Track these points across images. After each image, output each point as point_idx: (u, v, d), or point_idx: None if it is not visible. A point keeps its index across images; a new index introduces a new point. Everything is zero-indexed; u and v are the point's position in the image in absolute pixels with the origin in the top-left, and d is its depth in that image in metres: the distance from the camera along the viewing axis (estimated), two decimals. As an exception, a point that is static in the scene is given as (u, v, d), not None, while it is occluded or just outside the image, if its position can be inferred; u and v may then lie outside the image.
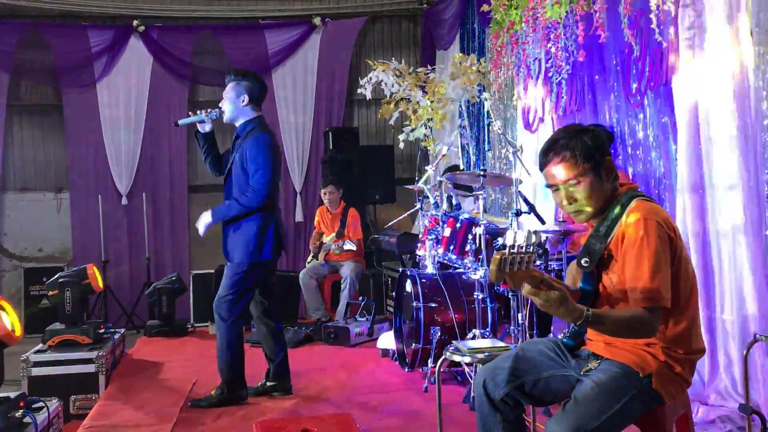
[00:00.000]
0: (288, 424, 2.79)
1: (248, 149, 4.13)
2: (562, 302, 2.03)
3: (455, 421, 3.74)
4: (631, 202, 2.25)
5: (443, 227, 4.51)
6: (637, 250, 2.15)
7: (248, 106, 4.24)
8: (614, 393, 2.15)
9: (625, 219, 2.23)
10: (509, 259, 1.97)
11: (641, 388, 2.18)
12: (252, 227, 4.15)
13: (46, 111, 7.84)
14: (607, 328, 2.17)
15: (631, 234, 2.18)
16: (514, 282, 2.04)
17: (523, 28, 5.20)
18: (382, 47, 8.48)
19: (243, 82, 4.23)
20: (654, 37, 3.86)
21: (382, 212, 8.04)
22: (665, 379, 2.20)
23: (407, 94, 6.17)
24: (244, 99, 4.22)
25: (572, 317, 2.06)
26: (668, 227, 2.20)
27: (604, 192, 2.29)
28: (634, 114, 4.35)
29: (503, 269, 1.98)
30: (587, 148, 2.26)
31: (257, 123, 4.24)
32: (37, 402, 3.20)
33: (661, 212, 2.25)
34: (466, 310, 4.47)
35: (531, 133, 5.48)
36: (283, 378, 4.44)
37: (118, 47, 7.65)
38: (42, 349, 4.50)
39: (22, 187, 7.82)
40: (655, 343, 2.22)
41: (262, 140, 4.13)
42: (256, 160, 4.09)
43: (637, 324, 2.13)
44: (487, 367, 2.47)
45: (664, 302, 2.13)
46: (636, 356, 2.22)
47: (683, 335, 2.24)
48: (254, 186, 4.09)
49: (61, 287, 4.68)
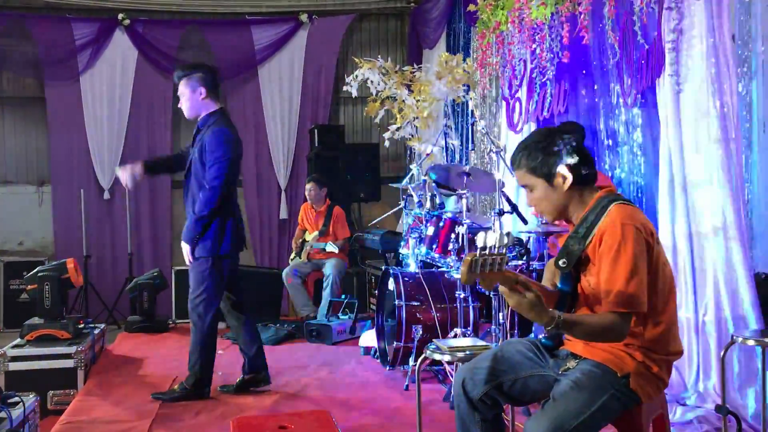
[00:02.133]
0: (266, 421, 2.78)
1: (207, 142, 4.05)
2: (533, 306, 2.05)
3: (435, 419, 3.74)
4: (609, 206, 2.26)
5: (426, 226, 4.52)
6: (614, 255, 2.16)
7: (207, 98, 4.14)
8: (592, 392, 2.16)
9: (603, 223, 2.23)
10: (480, 261, 1.98)
11: (619, 387, 2.19)
12: (210, 223, 4.10)
13: (28, 103, 7.76)
14: (577, 333, 2.18)
15: (608, 238, 2.19)
16: (486, 283, 2.05)
17: (509, 29, 5.21)
18: (369, 45, 8.47)
19: (195, 74, 4.13)
20: (637, 39, 3.88)
21: (367, 210, 8.04)
22: (643, 379, 2.22)
23: (393, 93, 6.17)
24: (201, 92, 4.12)
25: (543, 321, 2.08)
26: (646, 232, 2.20)
27: (558, 198, 2.31)
28: (618, 115, 4.37)
29: (474, 271, 1.99)
30: (539, 160, 2.29)
31: (218, 116, 4.15)
32: (13, 397, 3.17)
33: (640, 216, 2.26)
34: (448, 309, 4.48)
35: (515, 133, 5.49)
36: (260, 370, 4.42)
37: (103, 40, 7.60)
38: (20, 343, 4.46)
39: (3, 179, 7.74)
40: (633, 343, 2.23)
41: (222, 133, 4.05)
42: (214, 153, 4.01)
43: (606, 330, 2.15)
44: (466, 367, 2.48)
45: (639, 307, 2.14)
46: (614, 356, 2.23)
47: (661, 337, 2.25)
48: (208, 182, 4.01)
49: (40, 281, 4.64)
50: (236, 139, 4.15)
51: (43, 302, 4.61)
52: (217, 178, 3.99)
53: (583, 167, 2.29)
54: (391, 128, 6.27)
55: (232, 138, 4.09)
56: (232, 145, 4.08)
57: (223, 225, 4.13)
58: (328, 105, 8.20)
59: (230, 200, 4.18)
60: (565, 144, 2.29)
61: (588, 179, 2.32)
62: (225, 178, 4.01)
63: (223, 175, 4.00)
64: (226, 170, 4.02)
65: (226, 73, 7.95)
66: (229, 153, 4.04)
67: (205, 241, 4.12)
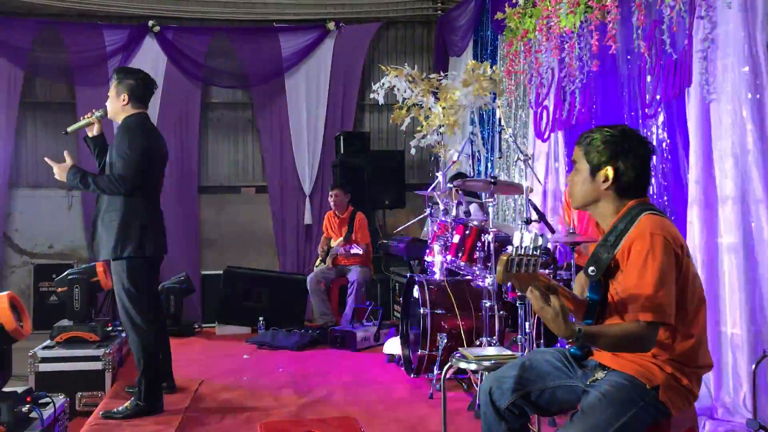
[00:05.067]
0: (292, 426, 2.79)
1: (116, 141, 4.08)
2: (556, 317, 2.05)
3: (460, 428, 3.73)
4: (640, 215, 2.25)
5: (452, 234, 4.51)
6: (642, 263, 2.15)
7: (128, 105, 4.16)
8: (621, 405, 2.15)
9: (632, 232, 2.22)
10: (516, 260, 1.97)
11: (648, 400, 2.17)
12: (114, 224, 4.03)
13: (59, 108, 7.87)
14: (601, 344, 2.17)
15: (637, 247, 2.18)
16: (521, 284, 2.05)
17: (537, 37, 5.20)
18: (395, 52, 8.48)
19: (125, 81, 4.17)
20: (667, 48, 3.85)
21: (392, 217, 8.04)
22: (672, 391, 2.19)
23: (419, 100, 6.17)
24: (123, 98, 4.15)
25: (564, 334, 2.08)
26: (675, 243, 2.18)
27: (589, 192, 2.33)
28: (646, 125, 4.33)
29: (509, 270, 1.98)
30: (597, 149, 2.30)
31: (132, 118, 4.15)
32: (44, 397, 3.22)
33: (670, 228, 2.24)
34: (474, 317, 4.46)
35: (542, 141, 5.47)
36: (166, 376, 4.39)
37: (133, 47, 7.69)
38: (50, 345, 4.52)
39: (35, 183, 7.86)
40: (662, 355, 2.21)
41: (130, 133, 4.06)
42: (120, 149, 4.01)
43: (631, 339, 2.13)
44: (493, 376, 2.47)
45: (666, 318, 2.12)
46: (643, 368, 2.21)
47: (691, 350, 2.23)
48: (117, 173, 3.98)
49: (70, 284, 4.70)
50: (145, 137, 4.09)
51: (73, 305, 4.68)
52: (121, 169, 3.97)
53: (631, 179, 2.29)
54: (417, 136, 6.27)
55: (137, 134, 4.07)
56: (138, 140, 4.04)
57: (128, 227, 4.02)
58: (354, 112, 8.23)
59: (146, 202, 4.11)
60: (629, 149, 2.28)
61: (628, 191, 2.31)
62: (133, 174, 3.97)
63: (129, 169, 3.96)
64: (133, 166, 3.97)
65: (254, 81, 8.03)
66: (135, 149, 4.00)
67: (109, 243, 4.03)
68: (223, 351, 5.94)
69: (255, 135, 8.27)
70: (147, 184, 4.10)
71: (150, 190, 4.15)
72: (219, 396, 4.54)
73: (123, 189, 3.98)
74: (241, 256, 7.82)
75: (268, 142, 8.13)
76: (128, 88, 4.15)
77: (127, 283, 4.05)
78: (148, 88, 4.27)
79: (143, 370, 4.07)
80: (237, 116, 8.33)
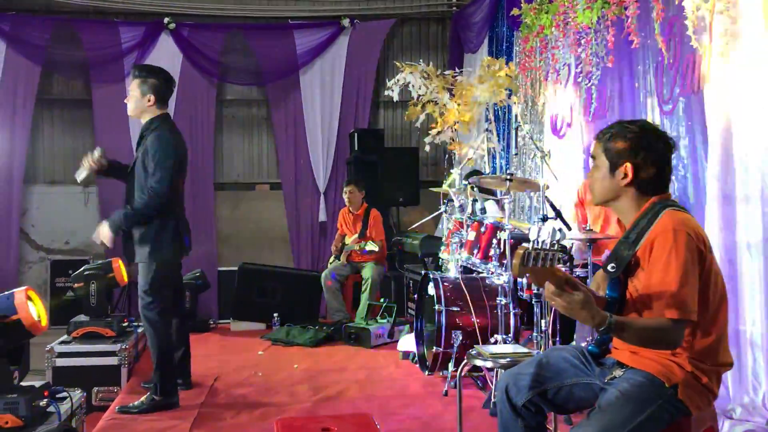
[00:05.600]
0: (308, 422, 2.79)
1: (149, 147, 4.06)
2: (585, 305, 2.00)
3: (475, 426, 3.72)
4: (662, 212, 2.22)
5: (467, 231, 4.49)
6: (666, 260, 2.12)
7: (154, 105, 4.16)
8: (639, 403, 2.12)
9: (654, 228, 2.19)
10: (533, 254, 1.94)
11: (667, 398, 2.15)
12: (151, 228, 4.07)
13: (76, 105, 7.94)
14: (630, 336, 2.14)
15: (659, 244, 2.15)
16: (537, 278, 2.01)
17: (553, 33, 5.17)
18: (410, 49, 8.47)
19: (149, 80, 4.15)
20: (686, 44, 3.81)
21: (406, 215, 8.04)
22: (692, 389, 2.17)
23: (434, 97, 6.16)
24: (150, 99, 4.13)
25: (595, 322, 2.03)
26: (698, 239, 2.16)
27: (610, 187, 2.31)
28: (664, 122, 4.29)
29: (526, 264, 1.95)
30: (613, 143, 2.28)
31: (161, 121, 4.16)
32: (61, 392, 3.24)
33: (693, 223, 2.21)
34: (489, 315, 4.44)
35: (558, 138, 5.44)
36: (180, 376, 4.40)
37: (149, 44, 7.72)
38: (66, 340, 4.55)
39: (51, 180, 7.92)
40: (682, 353, 2.18)
41: (163, 138, 4.07)
42: (155, 157, 4.02)
43: (660, 335, 2.10)
44: (510, 373, 2.46)
45: (690, 315, 2.09)
46: (662, 366, 2.19)
47: (711, 348, 2.20)
48: (151, 186, 4.00)
49: (87, 280, 4.73)
50: (177, 143, 4.14)
51: (89, 300, 4.71)
52: (159, 182, 3.99)
53: (651, 176, 2.26)
54: (432, 132, 6.26)
55: (172, 142, 4.09)
56: (172, 149, 4.07)
57: (163, 231, 4.09)
58: (368, 109, 8.22)
59: (173, 204, 4.15)
60: (648, 145, 2.26)
61: (649, 188, 2.29)
62: (167, 182, 4.01)
63: (167, 182, 4.00)
64: (169, 176, 4.01)
65: (269, 78, 8.04)
66: (170, 157, 4.03)
67: (145, 247, 4.09)
68: (238, 347, 5.96)
69: (269, 132, 8.29)
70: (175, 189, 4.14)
71: (177, 194, 4.19)
72: (234, 392, 4.55)
73: (160, 201, 4.01)
74: (256, 252, 7.85)
75: (282, 139, 8.14)
76: (154, 88, 4.15)
77: (154, 283, 4.10)
78: (170, 87, 4.29)
79: (159, 365, 4.09)
80: (252, 113, 8.35)
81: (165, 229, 4.10)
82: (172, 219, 4.13)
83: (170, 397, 4.12)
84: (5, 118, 7.44)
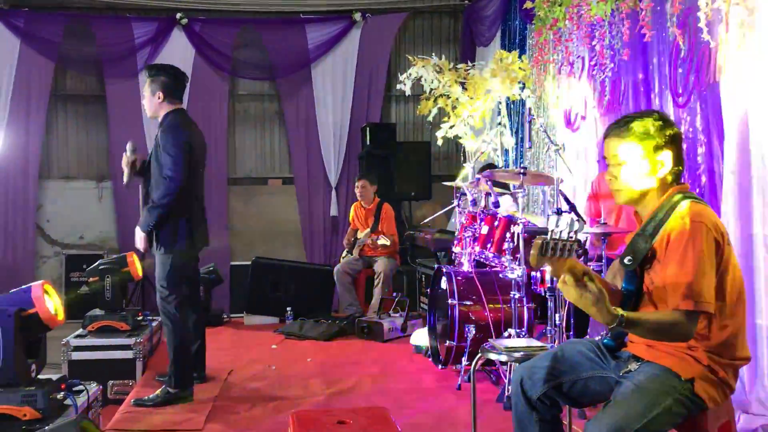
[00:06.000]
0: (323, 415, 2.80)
1: (161, 141, 4.11)
2: (597, 302, 1.99)
3: (489, 419, 3.71)
4: (681, 203, 2.21)
5: (481, 225, 4.48)
6: (682, 251, 2.11)
7: (164, 102, 4.21)
8: (655, 396, 2.11)
9: (672, 220, 2.18)
10: (550, 244, 1.93)
11: (683, 392, 2.14)
12: (167, 220, 4.10)
13: (89, 101, 7.98)
14: (641, 331, 2.13)
15: (677, 235, 2.14)
16: (555, 269, 1.99)
17: (567, 26, 5.14)
18: (421, 43, 8.45)
19: (158, 78, 4.22)
20: (702, 36, 3.77)
21: (418, 209, 8.03)
22: (708, 383, 2.16)
23: (447, 91, 6.13)
24: (159, 96, 4.20)
25: (605, 319, 2.03)
26: (716, 231, 2.14)
27: (645, 182, 2.27)
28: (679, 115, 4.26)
29: (544, 254, 1.94)
30: (646, 135, 2.24)
31: (173, 115, 4.20)
32: (78, 385, 3.26)
33: (711, 215, 2.20)
34: (502, 309, 4.44)
35: (572, 131, 5.41)
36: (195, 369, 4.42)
37: (161, 39, 7.75)
38: (82, 334, 4.58)
39: (66, 175, 7.97)
40: (698, 346, 2.17)
41: (172, 128, 4.11)
42: (166, 149, 4.07)
43: (672, 327, 2.09)
44: (525, 366, 2.45)
45: (706, 306, 2.08)
46: (678, 359, 2.18)
47: (728, 341, 2.19)
48: (166, 174, 4.04)
49: (101, 274, 4.76)
50: (187, 132, 4.15)
51: (104, 294, 4.74)
52: (172, 169, 4.03)
53: (674, 165, 2.26)
54: (444, 126, 6.24)
55: (180, 131, 4.12)
56: (181, 137, 4.09)
57: (176, 222, 4.11)
58: (380, 103, 8.21)
59: (189, 197, 4.16)
60: (674, 135, 2.25)
61: (673, 178, 2.28)
62: (180, 168, 4.03)
63: (178, 165, 4.03)
64: (182, 164, 4.04)
65: (281, 72, 8.05)
66: (180, 148, 4.06)
67: (160, 239, 4.12)
68: (252, 341, 5.99)
69: (281, 127, 8.31)
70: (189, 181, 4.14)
71: (192, 186, 4.19)
72: (248, 385, 4.58)
73: (176, 187, 4.03)
74: (268, 247, 7.87)
75: (294, 133, 8.15)
76: (162, 85, 4.20)
77: (169, 275, 4.13)
78: (180, 81, 4.31)
79: (176, 358, 4.12)
80: (264, 108, 8.36)
81: (180, 222, 4.12)
82: (187, 211, 4.15)
83: (185, 390, 4.15)
84: (20, 114, 7.49)
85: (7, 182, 7.50)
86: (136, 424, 3.79)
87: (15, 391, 2.93)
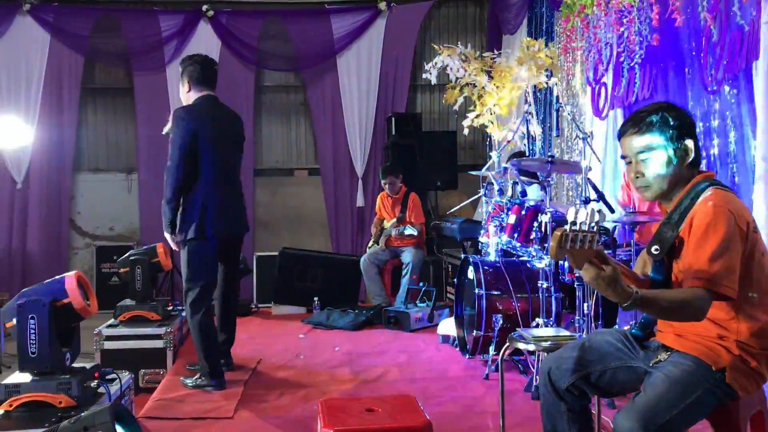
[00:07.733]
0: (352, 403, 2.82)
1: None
2: (610, 282, 1.97)
3: (517, 409, 3.71)
4: (706, 191, 2.18)
5: (508, 214, 4.46)
6: (702, 234, 2.09)
7: (191, 91, 4.27)
8: (686, 386, 2.09)
9: (696, 206, 2.16)
10: (570, 236, 1.91)
11: (714, 382, 2.12)
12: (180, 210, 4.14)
13: (118, 93, 8.08)
14: (655, 310, 2.12)
15: (699, 220, 2.12)
16: (576, 260, 1.97)
17: (595, 12, 5.07)
18: (447, 32, 8.41)
19: (185, 69, 4.29)
20: (734, 20, 3.70)
21: (444, 199, 8.01)
22: (740, 373, 2.13)
23: (473, 80, 6.09)
24: (186, 86, 4.28)
25: (620, 298, 2.00)
26: (740, 219, 2.11)
27: (673, 173, 2.24)
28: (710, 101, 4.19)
29: (563, 246, 1.92)
30: (666, 125, 2.22)
31: (192, 104, 4.24)
32: (111, 373, 3.32)
33: (736, 202, 2.17)
34: (530, 299, 4.42)
35: (600, 119, 5.35)
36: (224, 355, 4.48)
37: (188, 32, 7.81)
38: (113, 323, 4.66)
39: (95, 167, 8.09)
40: (729, 336, 2.15)
41: (176, 121, 4.14)
42: (170, 140, 4.14)
43: (684, 305, 2.07)
44: (553, 356, 2.44)
45: (722, 288, 2.05)
46: (708, 349, 2.16)
47: (761, 331, 2.16)
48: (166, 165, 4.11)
49: (132, 265, 4.83)
50: (191, 123, 4.12)
51: (135, 285, 4.81)
52: (170, 159, 4.09)
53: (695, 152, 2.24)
54: (470, 115, 6.20)
55: (183, 122, 4.11)
56: (181, 127, 4.10)
57: (189, 208, 4.13)
58: (405, 93, 8.19)
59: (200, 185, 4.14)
60: (691, 123, 2.25)
61: (694, 164, 2.26)
62: (176, 159, 4.06)
63: (173, 156, 4.07)
64: (177, 150, 4.06)
65: (306, 63, 8.07)
66: (177, 134, 4.09)
67: (177, 229, 4.15)
68: (280, 330, 6.04)
69: (307, 117, 8.33)
70: (204, 167, 4.14)
71: (208, 173, 4.16)
72: (277, 374, 4.62)
73: (172, 179, 4.08)
74: (295, 238, 7.92)
75: (320, 124, 8.17)
76: (188, 74, 4.28)
77: (190, 265, 4.17)
78: (206, 68, 4.32)
79: (200, 350, 4.18)
80: (289, 99, 8.39)
81: (190, 211, 4.13)
82: (198, 197, 4.13)
83: (216, 378, 4.20)
84: (53, 108, 7.62)
85: (41, 175, 7.64)
86: (169, 412, 3.85)
87: (50, 379, 3.00)
